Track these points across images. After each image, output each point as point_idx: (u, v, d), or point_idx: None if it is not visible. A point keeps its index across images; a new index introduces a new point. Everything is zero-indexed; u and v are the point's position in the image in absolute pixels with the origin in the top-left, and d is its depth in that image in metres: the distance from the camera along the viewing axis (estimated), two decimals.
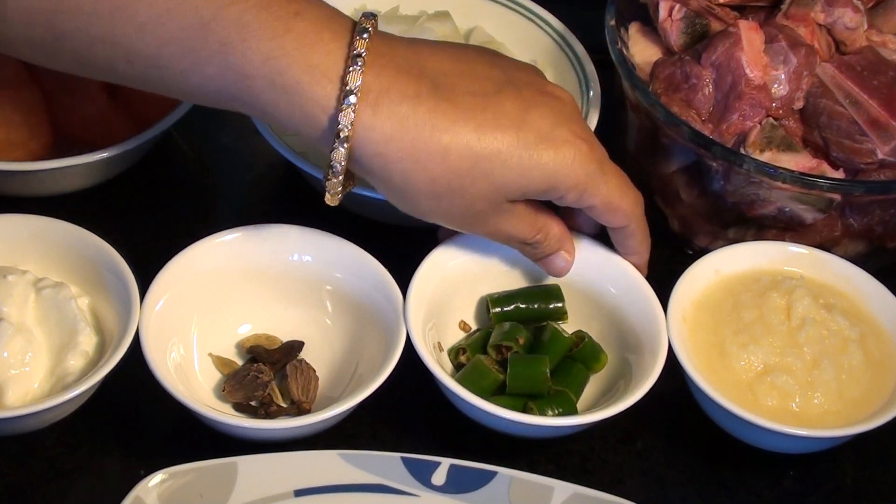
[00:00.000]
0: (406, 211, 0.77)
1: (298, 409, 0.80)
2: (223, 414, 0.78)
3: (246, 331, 0.85)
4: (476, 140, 0.73)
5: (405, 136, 0.72)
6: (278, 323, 0.85)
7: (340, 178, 0.74)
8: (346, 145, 0.71)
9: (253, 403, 0.81)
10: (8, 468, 0.78)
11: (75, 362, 0.79)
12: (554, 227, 0.82)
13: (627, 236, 0.83)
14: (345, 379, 0.82)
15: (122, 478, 0.76)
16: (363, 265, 0.83)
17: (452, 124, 0.73)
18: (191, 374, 0.81)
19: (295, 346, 0.84)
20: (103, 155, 0.89)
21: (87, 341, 0.79)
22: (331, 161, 0.73)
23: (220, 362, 0.83)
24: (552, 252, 0.83)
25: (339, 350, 0.84)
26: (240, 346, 0.85)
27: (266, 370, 0.82)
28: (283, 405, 0.81)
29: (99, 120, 0.93)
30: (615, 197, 0.79)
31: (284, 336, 0.85)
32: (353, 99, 0.70)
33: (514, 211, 0.78)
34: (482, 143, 0.73)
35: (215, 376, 0.83)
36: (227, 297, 0.84)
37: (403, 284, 0.82)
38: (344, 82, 0.71)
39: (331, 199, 0.76)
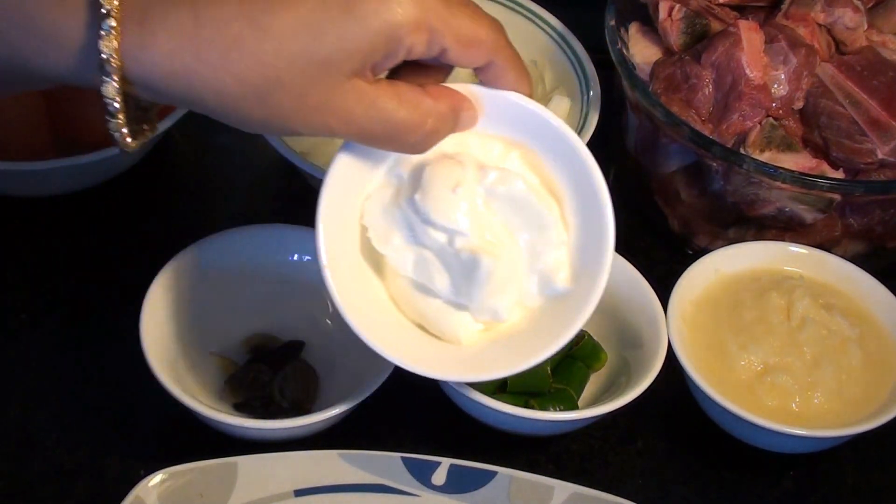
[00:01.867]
0: (243, 127, 0.65)
1: (298, 409, 0.80)
2: (223, 414, 0.78)
3: (246, 331, 0.85)
4: (272, 20, 0.61)
5: (189, 45, 0.61)
6: (278, 323, 0.85)
7: (120, 117, 0.63)
8: (115, 77, 0.61)
9: (253, 403, 0.81)
10: (8, 468, 0.78)
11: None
12: (441, 99, 0.68)
13: (499, 73, 0.69)
14: (345, 379, 0.82)
15: (122, 478, 0.76)
16: None
17: (238, 12, 0.61)
18: (190, 374, 0.81)
19: (295, 346, 0.84)
20: (103, 155, 0.89)
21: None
22: (104, 98, 0.62)
23: (220, 362, 0.83)
24: (452, 121, 0.68)
25: (339, 350, 0.84)
26: (240, 346, 0.85)
27: (266, 370, 0.82)
28: (283, 405, 0.81)
29: (99, 120, 0.93)
30: (468, 29, 0.66)
31: (284, 336, 0.85)
32: (111, 22, 0.60)
33: (368, 91, 0.64)
34: (280, 20, 0.61)
35: (215, 376, 0.83)
36: (227, 297, 0.84)
37: None
38: (97, 4, 0.60)
39: (124, 145, 0.65)
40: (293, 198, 0.97)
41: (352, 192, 0.70)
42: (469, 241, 0.69)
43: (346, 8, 0.62)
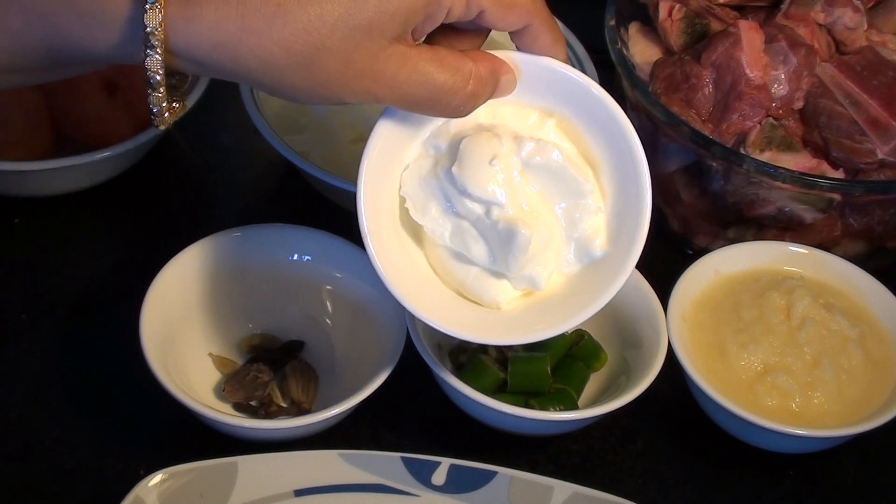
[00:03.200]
0: (290, 97, 0.66)
1: (298, 409, 0.80)
2: (223, 414, 0.78)
3: (246, 331, 0.85)
4: None
5: (234, 14, 0.61)
6: (278, 323, 0.86)
7: (161, 90, 0.63)
8: (159, 50, 0.61)
9: (253, 403, 0.81)
10: (8, 468, 0.78)
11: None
12: (480, 62, 0.68)
13: (535, 37, 0.70)
14: (345, 379, 0.82)
15: (122, 478, 0.76)
16: (363, 265, 0.83)
17: None
18: (191, 374, 0.81)
19: (295, 346, 0.84)
20: (103, 155, 0.89)
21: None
22: (147, 72, 0.62)
23: (220, 362, 0.83)
24: (491, 92, 0.69)
25: (339, 350, 0.84)
26: (240, 346, 0.85)
27: (266, 370, 0.82)
28: (283, 405, 0.81)
29: (99, 120, 0.93)
30: None
31: (284, 336, 0.85)
32: None
33: (411, 55, 0.64)
34: None
35: (215, 376, 0.83)
36: (226, 297, 0.84)
37: None
38: None
39: (159, 121, 0.65)
40: (293, 198, 0.97)
41: (390, 163, 0.71)
42: (505, 212, 0.69)
43: None
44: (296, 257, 0.85)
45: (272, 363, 0.83)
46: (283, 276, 0.85)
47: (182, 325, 0.82)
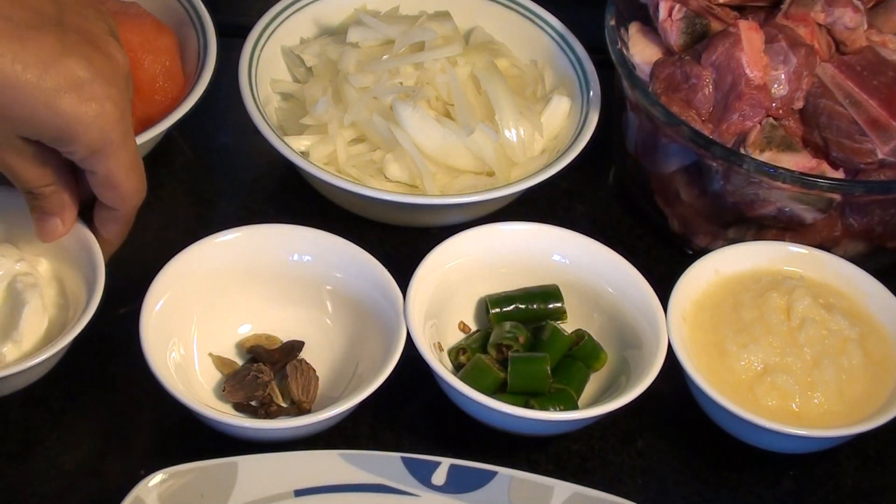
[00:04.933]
0: None
1: (299, 409, 0.80)
2: (223, 414, 0.78)
3: (246, 331, 0.85)
4: None
5: None
6: (278, 323, 0.86)
7: None
8: None
9: (253, 403, 0.81)
10: (8, 468, 0.78)
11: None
12: (65, 194, 0.79)
13: (113, 220, 0.81)
14: (345, 379, 0.82)
15: (122, 478, 0.76)
16: (363, 265, 0.83)
17: None
18: (191, 374, 0.81)
19: (295, 346, 0.84)
20: None
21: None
22: None
23: (220, 362, 0.83)
24: (49, 212, 0.79)
25: (339, 350, 0.84)
26: (240, 346, 0.85)
27: (266, 370, 0.82)
28: (283, 405, 0.81)
29: None
30: (121, 174, 0.77)
31: (284, 336, 0.85)
32: None
33: (27, 152, 0.74)
34: (3, 70, 0.69)
35: (215, 376, 0.83)
36: (226, 297, 0.84)
37: (403, 284, 0.82)
38: None
39: None
40: (293, 198, 0.97)
41: None
42: None
43: (56, 91, 0.72)
44: (296, 257, 0.85)
45: (272, 363, 0.83)
46: (283, 276, 0.85)
47: (182, 325, 0.82)
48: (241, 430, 0.77)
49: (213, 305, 0.84)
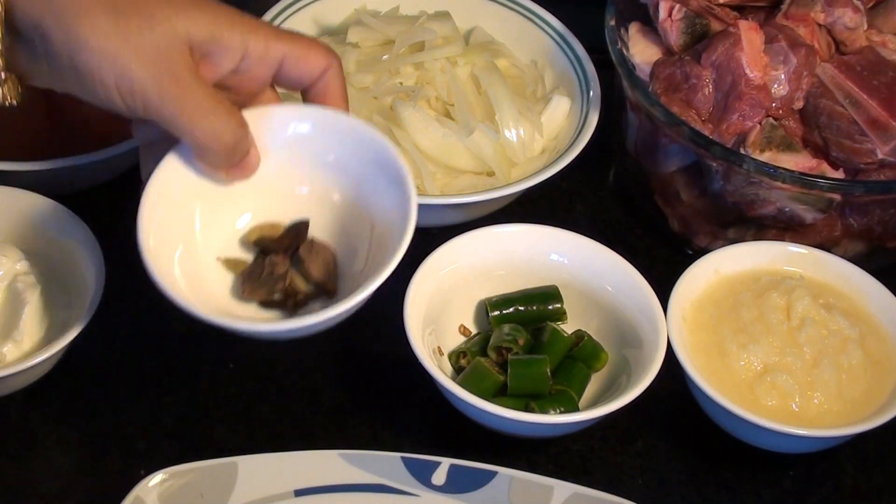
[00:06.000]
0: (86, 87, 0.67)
1: (325, 290, 0.75)
2: (265, 321, 0.72)
3: (246, 222, 0.77)
4: None
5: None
6: (279, 206, 0.77)
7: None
8: None
9: (276, 297, 0.75)
10: (8, 468, 0.78)
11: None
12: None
13: (332, 79, 0.72)
14: (363, 247, 0.76)
15: (122, 478, 0.76)
16: (362, 137, 0.75)
17: None
18: (205, 285, 0.74)
19: (301, 227, 0.76)
20: (103, 155, 0.89)
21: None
22: None
23: (230, 264, 0.76)
24: (249, 147, 0.72)
25: (348, 218, 0.77)
26: (244, 241, 0.77)
27: (280, 260, 0.75)
28: (308, 290, 0.75)
29: (99, 120, 0.93)
30: (304, 38, 0.70)
31: (287, 219, 0.77)
32: None
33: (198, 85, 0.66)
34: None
35: (227, 279, 0.76)
36: (219, 190, 0.75)
37: (403, 286, 0.82)
38: None
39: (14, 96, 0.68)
40: None
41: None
42: None
43: None
44: (291, 130, 0.75)
45: (283, 251, 0.75)
46: (278, 155, 0.76)
47: (184, 233, 0.74)
48: (290, 333, 0.71)
49: (209, 203, 0.75)
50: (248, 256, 0.77)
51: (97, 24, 0.63)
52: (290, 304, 0.75)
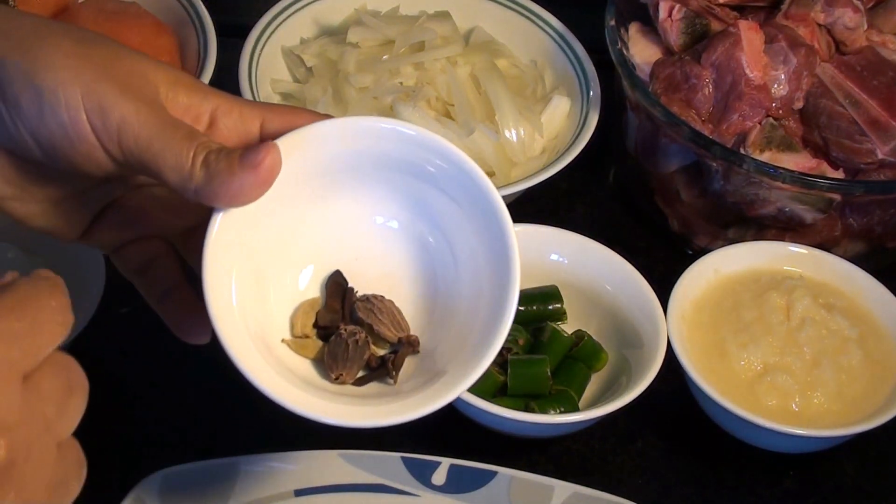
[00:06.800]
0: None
1: (408, 344, 0.63)
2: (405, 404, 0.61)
3: (308, 276, 0.65)
4: None
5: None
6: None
7: None
8: None
9: (374, 366, 0.63)
10: None
11: None
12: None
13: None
14: (430, 288, 0.64)
15: (122, 478, 0.76)
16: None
17: None
18: (290, 367, 0.63)
19: (340, 283, 0.65)
20: None
21: None
22: None
23: (297, 345, 0.64)
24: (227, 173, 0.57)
25: (398, 255, 0.65)
26: (293, 322, 0.65)
27: (354, 327, 0.63)
28: (385, 351, 0.64)
29: None
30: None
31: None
32: None
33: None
34: None
35: (304, 364, 0.64)
36: (271, 247, 0.63)
37: None
38: None
39: None
40: None
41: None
42: None
43: None
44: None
45: (344, 317, 0.64)
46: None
47: (257, 325, 0.62)
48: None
49: (266, 265, 0.63)
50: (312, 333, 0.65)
51: (61, 45, 0.60)
52: (390, 369, 0.63)
